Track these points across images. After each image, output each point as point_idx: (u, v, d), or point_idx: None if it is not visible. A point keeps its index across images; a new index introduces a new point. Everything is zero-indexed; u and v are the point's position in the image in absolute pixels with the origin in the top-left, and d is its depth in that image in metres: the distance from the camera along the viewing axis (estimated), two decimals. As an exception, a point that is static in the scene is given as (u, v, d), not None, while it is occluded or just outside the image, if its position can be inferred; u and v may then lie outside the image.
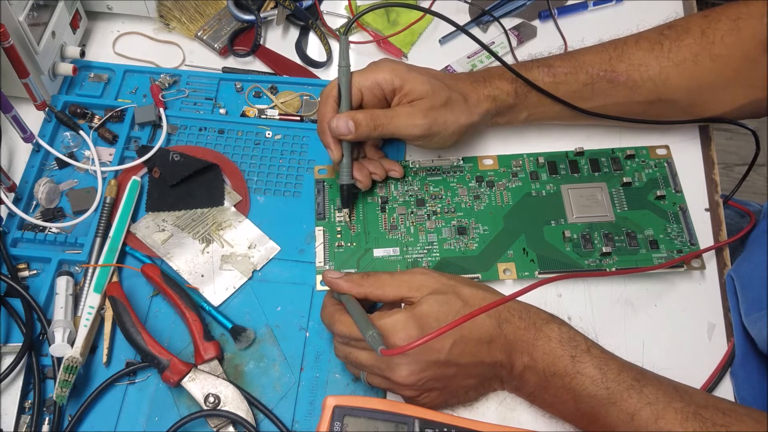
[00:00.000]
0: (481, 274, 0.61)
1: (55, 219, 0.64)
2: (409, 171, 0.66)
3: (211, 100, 0.71)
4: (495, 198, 0.64)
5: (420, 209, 0.64)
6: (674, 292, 0.62)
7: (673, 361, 0.57)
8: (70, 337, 0.56)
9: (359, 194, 0.64)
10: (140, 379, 0.57)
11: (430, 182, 0.65)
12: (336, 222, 0.63)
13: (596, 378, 0.50)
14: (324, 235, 0.63)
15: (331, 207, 0.64)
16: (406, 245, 0.62)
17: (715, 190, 0.67)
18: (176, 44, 0.76)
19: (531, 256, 0.61)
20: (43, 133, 0.67)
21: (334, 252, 0.62)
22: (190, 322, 0.57)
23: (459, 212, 0.63)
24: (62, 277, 0.59)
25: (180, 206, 0.64)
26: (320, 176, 0.66)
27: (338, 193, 0.64)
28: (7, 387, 0.55)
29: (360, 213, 0.64)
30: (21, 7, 0.62)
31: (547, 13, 0.78)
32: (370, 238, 0.63)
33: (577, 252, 0.62)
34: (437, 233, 0.62)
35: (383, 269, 0.61)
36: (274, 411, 0.56)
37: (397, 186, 0.65)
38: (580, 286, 0.62)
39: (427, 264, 0.61)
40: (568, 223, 0.63)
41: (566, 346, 0.51)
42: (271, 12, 0.77)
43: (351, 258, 0.62)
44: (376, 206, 0.64)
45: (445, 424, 0.51)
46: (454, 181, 0.65)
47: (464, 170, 0.66)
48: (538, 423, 0.56)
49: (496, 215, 0.63)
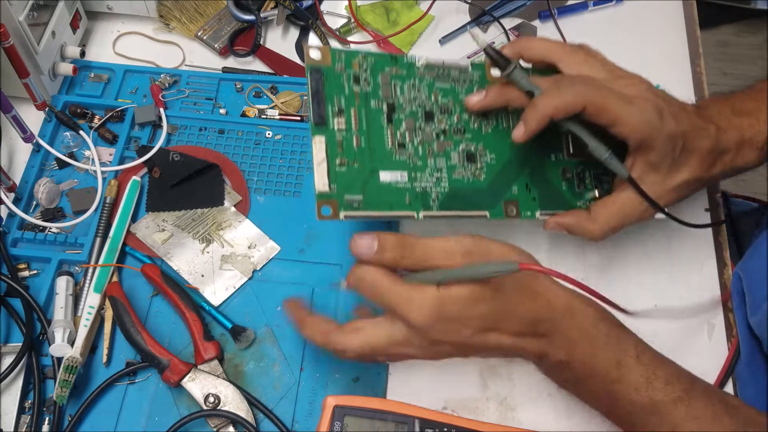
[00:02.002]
0: (488, 212, 0.56)
1: (55, 219, 0.64)
2: (415, 71, 0.57)
3: (211, 100, 0.71)
4: (502, 120, 0.59)
5: (428, 124, 0.56)
6: (674, 291, 0.62)
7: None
8: (70, 337, 0.56)
9: (361, 96, 0.54)
10: (140, 379, 0.57)
11: (438, 89, 0.58)
12: (336, 130, 0.53)
13: (640, 387, 0.47)
14: (325, 149, 0.52)
15: (329, 108, 0.53)
16: (414, 170, 0.55)
17: (715, 190, 0.67)
18: (176, 44, 0.76)
19: (533, 194, 0.58)
20: (43, 133, 0.67)
21: (335, 172, 0.51)
22: (190, 322, 0.57)
23: (467, 133, 0.58)
24: (62, 277, 0.59)
25: (180, 206, 0.64)
26: (315, 61, 0.53)
27: (337, 89, 0.53)
28: (7, 387, 0.55)
29: (363, 121, 0.54)
30: (21, 7, 0.62)
31: (547, 13, 0.78)
32: (375, 157, 0.54)
33: (571, 191, 0.59)
34: (446, 157, 0.56)
35: (389, 196, 0.53)
36: (274, 411, 0.56)
37: (403, 90, 0.56)
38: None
39: (437, 195, 0.55)
40: (566, 158, 0.60)
41: (612, 350, 0.48)
42: (272, 12, 0.77)
43: (355, 181, 0.52)
44: (380, 114, 0.55)
45: (446, 424, 0.51)
46: (463, 92, 0.59)
47: (473, 79, 0.60)
48: (538, 423, 0.56)
49: (502, 139, 0.59)
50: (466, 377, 0.58)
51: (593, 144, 0.54)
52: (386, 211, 0.52)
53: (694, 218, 0.64)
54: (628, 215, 0.55)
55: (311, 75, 0.52)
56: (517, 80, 0.54)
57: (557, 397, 0.57)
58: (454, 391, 0.57)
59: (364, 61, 0.55)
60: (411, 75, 0.57)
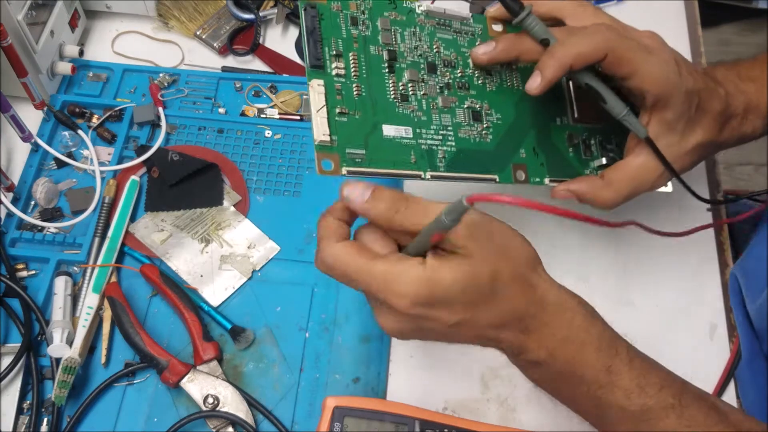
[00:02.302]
0: (498, 176, 0.53)
1: (54, 219, 0.63)
2: (414, 18, 0.54)
3: (211, 100, 0.71)
4: (506, 78, 0.57)
5: (431, 77, 0.53)
6: (675, 292, 0.62)
7: (673, 363, 0.56)
8: (69, 337, 0.55)
9: (360, 40, 0.51)
10: (139, 380, 0.57)
11: (440, 40, 0.55)
12: (334, 76, 0.49)
13: (632, 392, 0.44)
14: (324, 95, 0.47)
15: (326, 51, 0.49)
16: (419, 126, 0.51)
17: (717, 190, 0.67)
18: (175, 43, 0.76)
19: (541, 158, 0.56)
20: (41, 132, 0.67)
21: (335, 122, 0.47)
22: (189, 322, 0.57)
23: (472, 89, 0.56)
24: (61, 277, 0.59)
25: (179, 206, 0.64)
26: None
27: (334, 30, 0.49)
28: (5, 388, 0.55)
29: (363, 68, 0.50)
30: (19, 6, 0.62)
31: (548, 12, 0.77)
32: (378, 108, 0.50)
33: (578, 158, 0.58)
34: (451, 114, 0.53)
35: (394, 153, 0.49)
36: (274, 412, 0.55)
37: (404, 37, 0.53)
38: (581, 285, 0.62)
39: (444, 154, 0.52)
40: (571, 123, 0.58)
41: (603, 354, 0.44)
42: (271, 11, 0.77)
43: (357, 133, 0.48)
44: (381, 61, 0.51)
45: (446, 425, 0.51)
46: (465, 44, 0.56)
47: (475, 32, 0.57)
48: (539, 424, 0.56)
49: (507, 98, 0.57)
50: (466, 378, 0.58)
51: (611, 99, 0.51)
52: (391, 168, 0.48)
53: (696, 219, 0.64)
54: (643, 181, 0.53)
55: (306, 11, 0.49)
56: (531, 27, 0.51)
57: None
58: (455, 392, 0.57)
59: (362, 2, 0.52)
60: (411, 22, 0.54)
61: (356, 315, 0.60)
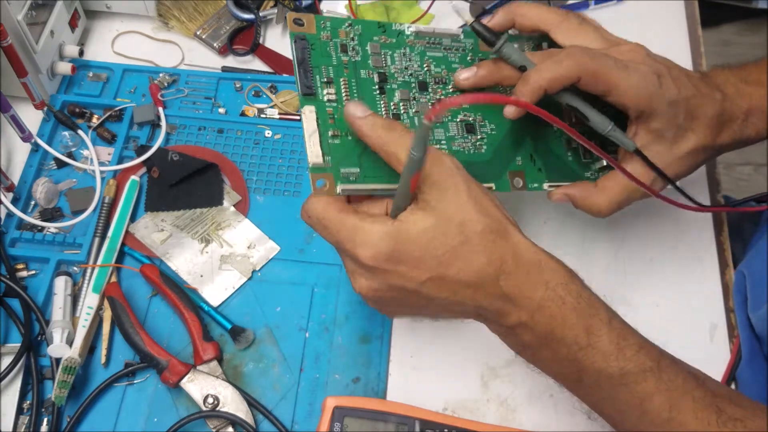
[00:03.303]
0: (494, 184, 0.54)
1: (54, 219, 0.63)
2: (404, 40, 0.55)
3: (211, 100, 0.71)
4: (498, 88, 0.57)
5: (423, 95, 0.54)
6: (675, 291, 0.62)
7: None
8: (69, 337, 0.55)
9: (350, 66, 0.52)
10: (139, 380, 0.57)
11: (430, 59, 0.56)
12: (326, 102, 0.50)
13: (610, 354, 0.44)
14: (316, 120, 0.48)
15: (317, 78, 0.50)
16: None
17: (717, 190, 0.67)
18: (175, 43, 0.76)
19: (538, 164, 0.56)
20: (41, 132, 0.67)
21: (328, 144, 0.48)
22: (189, 322, 0.57)
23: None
24: (61, 277, 0.59)
25: (179, 206, 0.64)
26: (297, 28, 0.50)
27: (324, 58, 0.50)
28: (5, 388, 0.55)
29: (354, 92, 0.51)
30: (19, 6, 0.61)
31: (548, 12, 0.78)
32: None
33: (577, 162, 0.58)
34: (444, 129, 0.54)
35: (388, 168, 0.49)
36: (274, 412, 0.55)
37: (394, 59, 0.54)
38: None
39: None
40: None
41: (583, 314, 0.44)
42: (271, 11, 0.77)
43: (350, 153, 0.49)
44: (372, 84, 0.52)
45: (446, 425, 0.51)
46: (456, 60, 0.57)
47: (465, 47, 0.58)
48: (539, 424, 0.56)
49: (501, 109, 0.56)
50: (466, 378, 0.58)
51: (594, 117, 0.52)
52: (385, 183, 0.49)
53: (697, 220, 0.64)
54: (636, 189, 0.53)
55: (295, 43, 0.50)
56: (508, 55, 0.52)
57: (558, 398, 0.57)
58: (455, 392, 0.57)
59: (351, 29, 0.53)
60: (401, 44, 0.55)
61: (356, 315, 0.60)
